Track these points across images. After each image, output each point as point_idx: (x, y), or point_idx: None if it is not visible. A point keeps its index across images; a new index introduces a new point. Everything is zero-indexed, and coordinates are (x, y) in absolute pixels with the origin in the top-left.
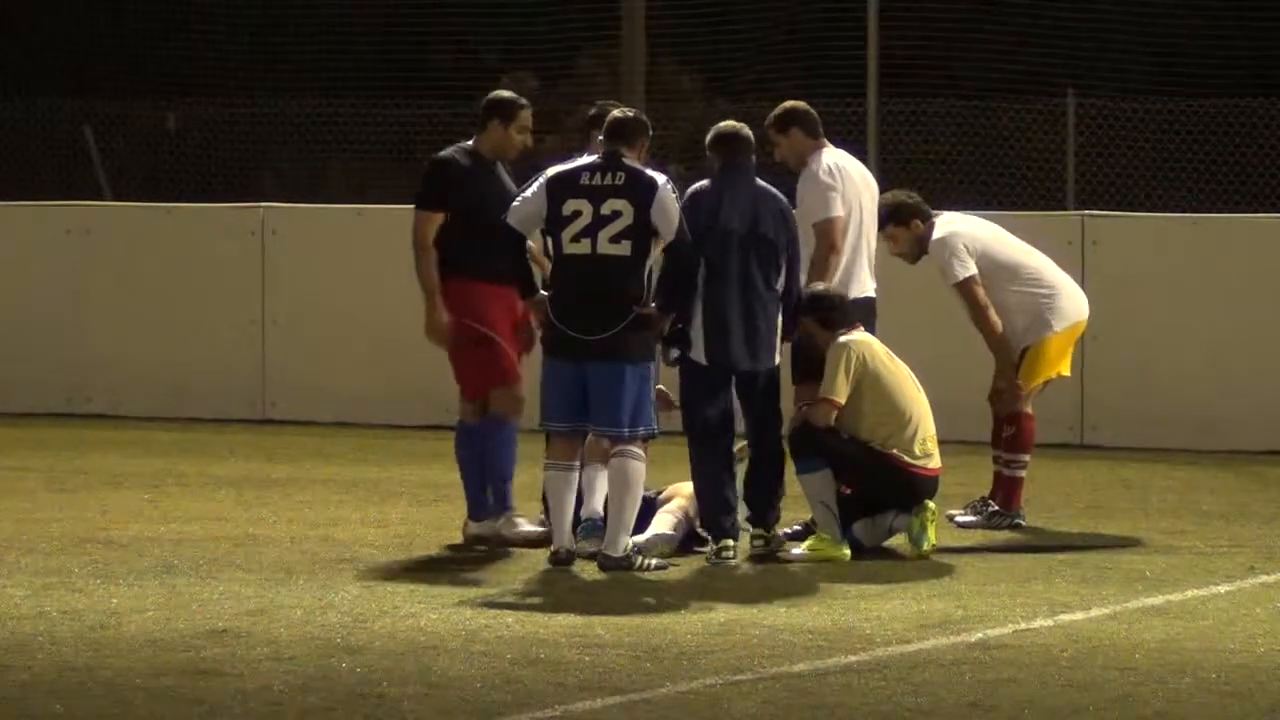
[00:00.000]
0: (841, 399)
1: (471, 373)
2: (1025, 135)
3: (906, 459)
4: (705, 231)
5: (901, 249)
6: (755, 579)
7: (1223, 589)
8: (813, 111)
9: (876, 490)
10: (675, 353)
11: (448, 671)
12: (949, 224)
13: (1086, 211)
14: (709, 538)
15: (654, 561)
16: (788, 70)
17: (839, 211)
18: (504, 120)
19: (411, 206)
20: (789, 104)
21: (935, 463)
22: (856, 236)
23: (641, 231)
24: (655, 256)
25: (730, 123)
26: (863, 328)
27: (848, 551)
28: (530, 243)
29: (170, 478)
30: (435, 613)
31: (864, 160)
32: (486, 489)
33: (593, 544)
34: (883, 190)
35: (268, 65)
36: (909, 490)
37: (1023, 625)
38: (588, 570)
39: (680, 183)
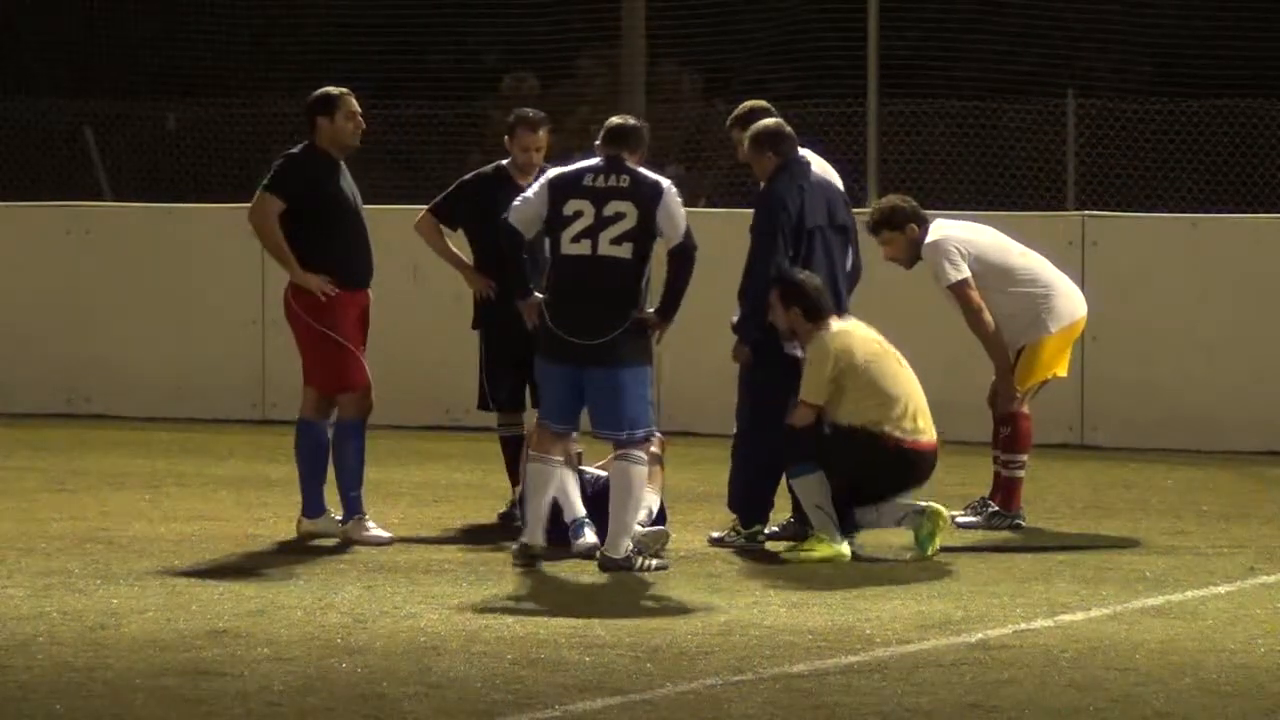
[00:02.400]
0: (821, 401)
1: (319, 371)
2: (1025, 135)
3: (898, 434)
4: (793, 230)
5: (896, 254)
6: (755, 579)
7: (1223, 589)
8: (773, 110)
9: (876, 475)
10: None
11: (448, 672)
12: (941, 228)
13: (1086, 211)
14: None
15: (654, 562)
16: (788, 70)
17: None
18: (328, 114)
19: (410, 206)
20: (751, 103)
21: (929, 436)
22: None
23: (644, 234)
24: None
25: (775, 120)
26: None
27: (847, 551)
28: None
29: (170, 478)
30: (435, 613)
31: (864, 161)
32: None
33: (585, 543)
34: (879, 195)
35: (268, 65)
36: (907, 466)
37: (1023, 625)
38: (588, 570)
39: (678, 183)
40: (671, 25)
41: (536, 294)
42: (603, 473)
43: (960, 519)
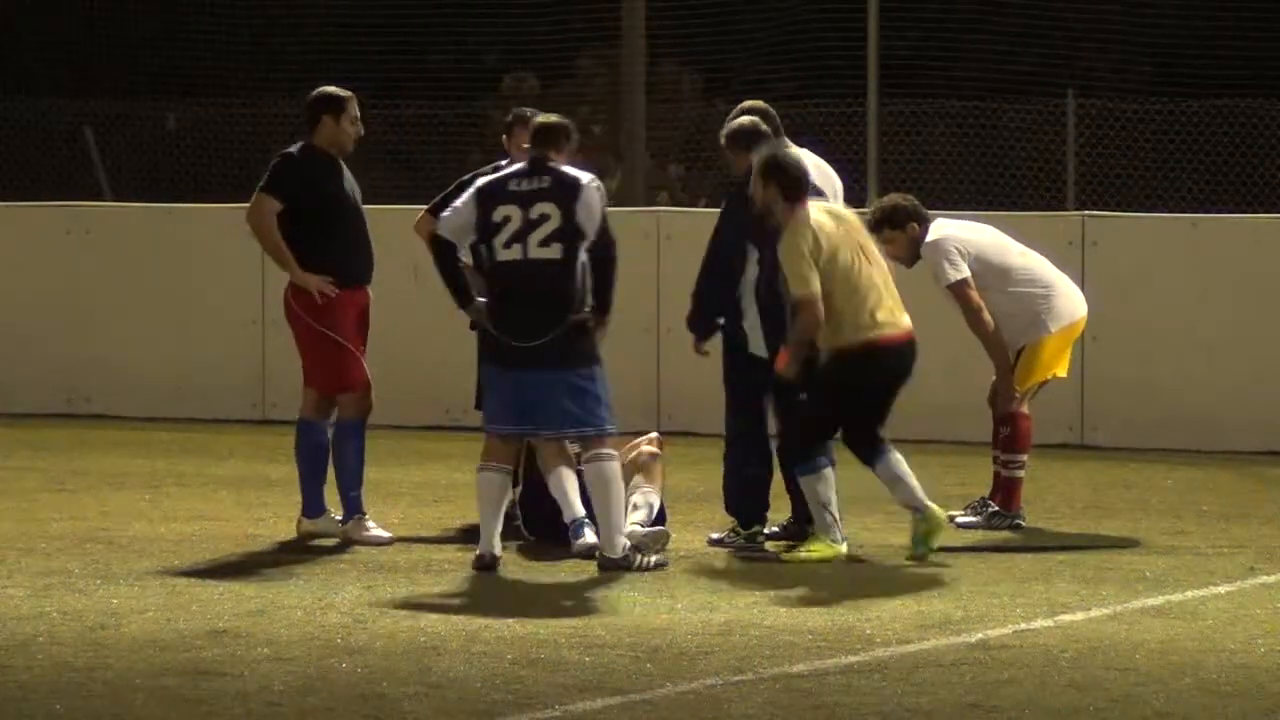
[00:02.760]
0: (814, 287)
1: (319, 371)
2: (1025, 135)
3: (869, 336)
4: (755, 230)
5: (897, 252)
6: (755, 579)
7: (1223, 589)
8: (771, 109)
9: (871, 385)
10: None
11: (448, 672)
12: (941, 228)
13: (1086, 211)
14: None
15: (653, 559)
16: (788, 70)
17: None
18: (334, 114)
19: (410, 206)
20: (749, 103)
21: (901, 324)
22: None
23: (571, 233)
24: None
25: (749, 119)
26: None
27: (844, 549)
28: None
29: (170, 478)
30: (435, 613)
31: (864, 161)
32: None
33: (585, 543)
34: (879, 195)
35: (268, 65)
36: (894, 360)
37: (1023, 625)
38: (588, 570)
39: (680, 182)
40: (671, 25)
41: (479, 299)
42: None
43: (960, 519)
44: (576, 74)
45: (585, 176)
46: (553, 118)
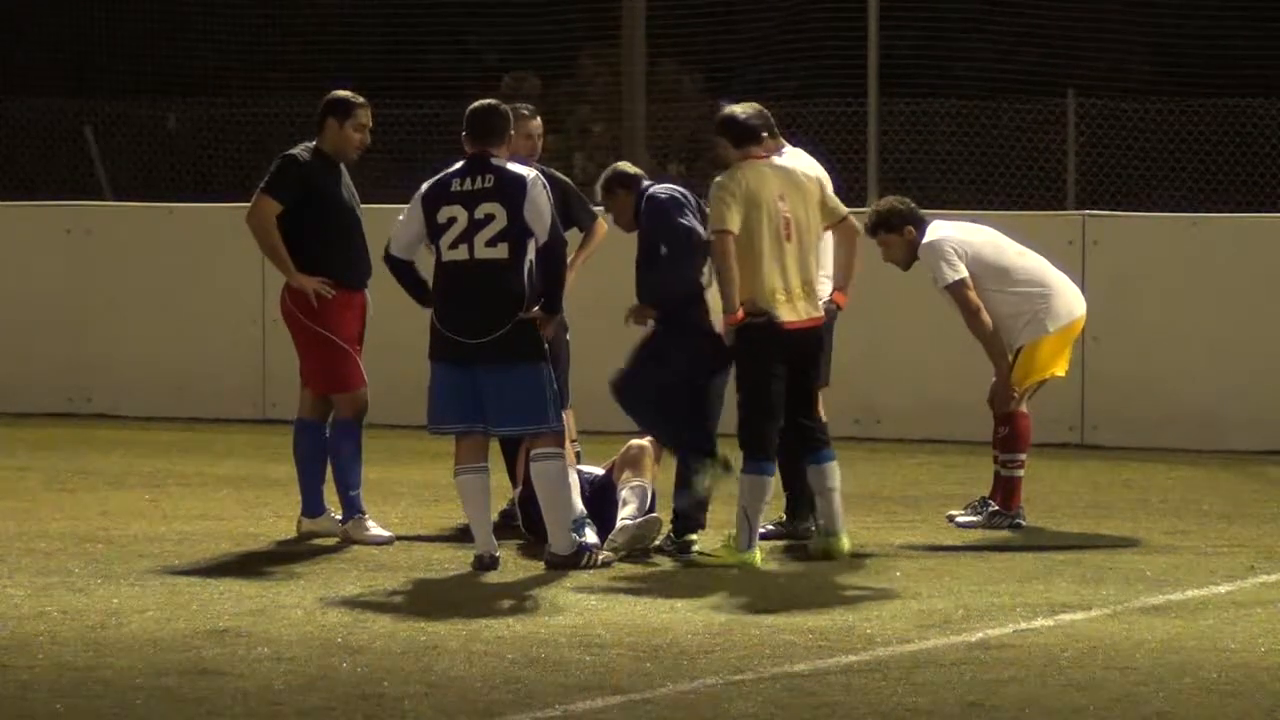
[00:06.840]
0: (732, 227)
1: (316, 372)
2: (1025, 135)
3: (766, 308)
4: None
5: (893, 256)
6: (755, 579)
7: (1223, 589)
8: (765, 110)
9: (767, 354)
10: None
11: (448, 671)
12: (938, 229)
13: (1086, 211)
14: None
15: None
16: (788, 70)
17: None
18: (339, 118)
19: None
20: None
21: (800, 313)
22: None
23: (518, 232)
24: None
25: (740, 107)
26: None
27: (758, 559)
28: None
29: (171, 477)
30: (435, 613)
31: (864, 161)
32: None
33: (584, 543)
34: (879, 195)
35: (268, 65)
36: (788, 342)
37: (1023, 625)
38: (588, 570)
39: (680, 182)
40: (671, 25)
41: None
42: (600, 470)
43: (960, 519)
44: (577, 74)
45: (529, 173)
46: (486, 104)
